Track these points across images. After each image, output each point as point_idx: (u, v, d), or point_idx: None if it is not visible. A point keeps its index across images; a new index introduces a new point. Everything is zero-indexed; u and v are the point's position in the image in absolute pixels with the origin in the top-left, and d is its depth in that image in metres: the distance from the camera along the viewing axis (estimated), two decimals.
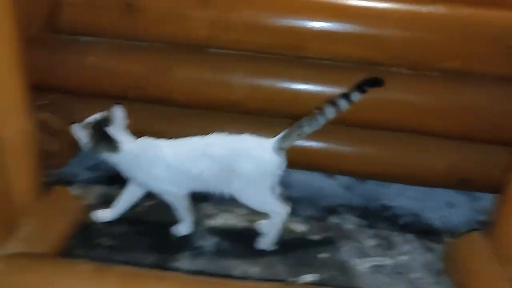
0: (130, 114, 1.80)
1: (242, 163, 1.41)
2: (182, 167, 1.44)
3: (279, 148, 1.42)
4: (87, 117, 1.44)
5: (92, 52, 1.69)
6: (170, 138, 1.48)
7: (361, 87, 1.44)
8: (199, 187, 1.49)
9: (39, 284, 1.04)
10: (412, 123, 1.69)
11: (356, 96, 1.44)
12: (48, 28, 1.69)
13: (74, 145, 1.77)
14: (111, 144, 1.42)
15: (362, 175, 1.92)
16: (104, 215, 1.57)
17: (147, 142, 1.47)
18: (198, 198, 1.61)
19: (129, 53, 1.69)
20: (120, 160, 1.45)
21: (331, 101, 1.43)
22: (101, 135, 1.41)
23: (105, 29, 1.65)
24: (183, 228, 1.58)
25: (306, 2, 1.55)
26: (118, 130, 1.43)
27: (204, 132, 1.75)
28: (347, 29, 1.55)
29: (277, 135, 1.45)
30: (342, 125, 1.76)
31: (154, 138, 1.49)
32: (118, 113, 1.43)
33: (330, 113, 1.43)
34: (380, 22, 1.53)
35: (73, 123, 1.42)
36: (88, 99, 1.83)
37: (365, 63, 1.62)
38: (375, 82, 1.45)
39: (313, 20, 1.54)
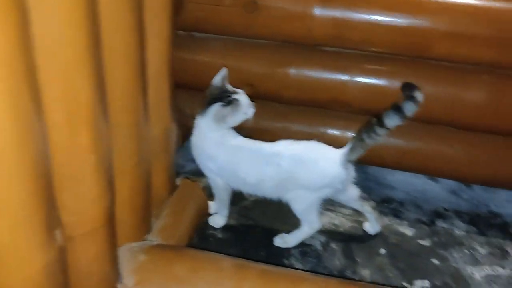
0: None
1: (307, 173, 1.38)
2: (237, 172, 1.42)
3: (346, 162, 1.36)
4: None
5: (207, 48, 1.73)
6: (274, 136, 1.47)
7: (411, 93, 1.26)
8: (253, 191, 1.49)
9: (187, 276, 1.09)
10: None
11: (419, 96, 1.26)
12: None
13: (183, 137, 1.84)
14: (204, 107, 1.40)
15: (469, 180, 1.86)
16: (218, 221, 1.58)
17: (224, 136, 1.42)
18: None
19: (245, 50, 1.71)
20: (196, 128, 1.45)
21: (395, 105, 1.26)
22: (211, 97, 1.41)
23: (223, 27, 1.67)
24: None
25: (432, 2, 1.50)
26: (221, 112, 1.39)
27: (312, 129, 1.80)
28: (476, 30, 1.49)
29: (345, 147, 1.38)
30: (450, 127, 1.71)
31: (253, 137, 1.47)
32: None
33: (394, 121, 1.27)
34: None
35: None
36: (196, 93, 1.88)
37: (492, 66, 1.56)
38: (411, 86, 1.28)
39: (440, 20, 1.50)
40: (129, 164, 1.04)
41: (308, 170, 1.38)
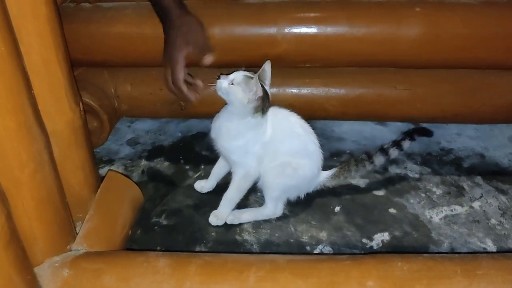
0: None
1: (305, 167, 1.37)
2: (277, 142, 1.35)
3: (324, 186, 1.46)
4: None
5: (119, 19, 1.54)
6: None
7: (412, 136, 1.47)
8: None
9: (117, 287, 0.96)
10: (474, 57, 1.54)
11: (407, 144, 1.46)
12: None
13: (111, 120, 1.68)
14: None
15: (417, 119, 1.79)
16: (203, 186, 1.54)
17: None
18: None
19: None
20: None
21: (383, 149, 1.44)
22: None
23: None
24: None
25: None
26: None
27: None
28: None
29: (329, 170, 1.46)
30: (390, 68, 1.63)
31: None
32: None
33: (379, 161, 1.45)
34: None
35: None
36: (118, 71, 1.71)
37: None
38: (426, 133, 1.53)
39: None
40: (25, 172, 0.88)
41: (308, 165, 1.38)
